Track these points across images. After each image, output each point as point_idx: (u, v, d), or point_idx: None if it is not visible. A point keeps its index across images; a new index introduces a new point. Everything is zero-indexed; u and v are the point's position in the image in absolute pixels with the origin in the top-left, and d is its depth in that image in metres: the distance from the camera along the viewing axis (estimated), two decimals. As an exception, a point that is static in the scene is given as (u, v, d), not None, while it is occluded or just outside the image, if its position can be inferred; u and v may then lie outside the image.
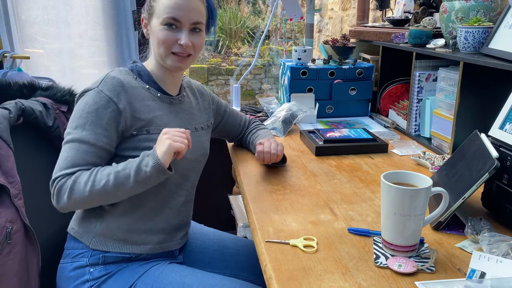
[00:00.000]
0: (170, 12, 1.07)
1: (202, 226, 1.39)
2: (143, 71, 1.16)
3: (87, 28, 2.14)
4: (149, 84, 1.15)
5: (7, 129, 1.09)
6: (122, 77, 1.09)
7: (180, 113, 1.19)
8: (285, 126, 1.69)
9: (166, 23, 1.08)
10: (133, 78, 1.13)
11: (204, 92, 1.34)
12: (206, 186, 1.76)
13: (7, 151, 1.07)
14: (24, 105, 1.18)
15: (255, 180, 1.24)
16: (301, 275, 0.80)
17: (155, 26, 1.10)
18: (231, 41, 7.50)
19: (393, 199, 0.82)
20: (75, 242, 1.12)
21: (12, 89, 1.25)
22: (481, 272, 0.78)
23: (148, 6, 1.13)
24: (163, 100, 1.16)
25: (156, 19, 1.09)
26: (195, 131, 1.21)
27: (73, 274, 1.09)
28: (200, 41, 1.13)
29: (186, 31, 1.10)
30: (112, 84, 1.07)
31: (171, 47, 1.10)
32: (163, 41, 1.09)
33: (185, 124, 1.18)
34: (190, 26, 1.10)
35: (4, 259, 1.01)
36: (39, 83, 1.33)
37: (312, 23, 3.42)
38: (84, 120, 1.04)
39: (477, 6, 1.40)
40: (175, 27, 1.09)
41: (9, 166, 1.06)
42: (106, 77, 1.08)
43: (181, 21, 1.08)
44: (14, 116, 1.14)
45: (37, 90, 1.30)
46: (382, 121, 1.82)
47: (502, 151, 0.94)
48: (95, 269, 1.08)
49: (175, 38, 1.09)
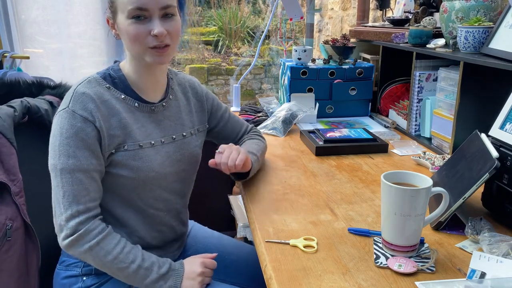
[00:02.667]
0: (134, 2, 0.95)
1: (205, 229, 1.36)
2: (119, 78, 1.05)
3: (87, 28, 2.14)
4: (126, 93, 1.04)
5: (10, 127, 1.10)
6: (92, 91, 0.99)
7: (164, 120, 1.09)
8: (285, 126, 1.69)
9: (132, 15, 0.96)
10: (106, 89, 1.02)
11: (198, 91, 1.22)
12: (206, 186, 1.76)
13: (10, 149, 1.08)
14: (30, 104, 1.19)
15: (255, 180, 1.24)
16: (301, 275, 0.80)
17: (122, 22, 0.98)
18: (231, 41, 7.49)
19: (393, 199, 0.82)
20: None
21: (21, 88, 1.26)
22: (481, 272, 0.78)
23: (109, 4, 1.01)
24: (142, 109, 1.06)
25: (121, 14, 0.98)
26: (182, 138, 1.13)
27: (66, 282, 1.08)
28: (175, 27, 1.00)
29: (157, 19, 0.97)
30: (83, 101, 0.97)
31: (145, 41, 0.98)
32: (134, 36, 0.97)
33: (169, 132, 1.10)
34: (160, 12, 0.97)
35: (4, 256, 1.02)
36: (47, 82, 1.34)
37: (312, 23, 3.42)
38: (65, 147, 0.95)
39: (477, 6, 1.39)
40: (144, 18, 0.97)
41: (11, 164, 1.07)
42: (75, 94, 0.98)
43: (148, 9, 0.96)
44: (19, 114, 1.15)
45: (45, 88, 1.31)
46: (382, 121, 1.82)
47: (502, 151, 0.94)
48: (88, 278, 1.07)
49: (147, 30, 0.97)
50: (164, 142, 1.08)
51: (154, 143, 1.06)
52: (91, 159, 0.97)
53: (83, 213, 0.96)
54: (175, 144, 1.11)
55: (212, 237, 1.33)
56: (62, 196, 0.96)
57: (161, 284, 0.99)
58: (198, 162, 1.19)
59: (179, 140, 1.12)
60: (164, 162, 1.07)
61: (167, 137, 1.09)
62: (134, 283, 1.00)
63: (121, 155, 1.01)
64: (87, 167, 0.96)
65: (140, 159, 1.03)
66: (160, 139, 1.08)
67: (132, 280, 0.99)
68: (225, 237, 1.35)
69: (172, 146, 1.10)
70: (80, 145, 0.96)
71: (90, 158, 0.97)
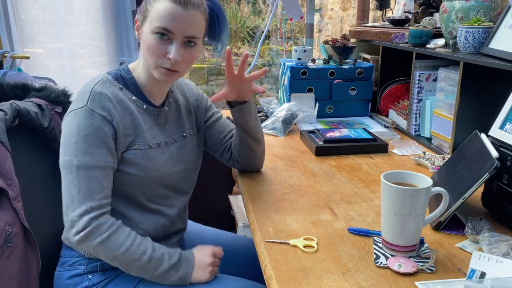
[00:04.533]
0: (162, 22, 0.98)
1: (200, 226, 1.38)
2: (130, 80, 1.08)
3: (87, 28, 2.14)
4: (136, 95, 1.07)
5: (3, 130, 1.07)
6: (108, 91, 1.02)
7: (166, 124, 1.13)
8: (285, 126, 1.69)
9: (157, 32, 0.99)
10: (119, 89, 1.05)
11: (195, 91, 1.25)
12: (206, 186, 1.77)
13: (5, 153, 1.06)
14: (19, 106, 1.15)
15: (255, 180, 1.24)
16: (301, 275, 0.80)
17: (146, 32, 1.01)
18: (231, 41, 7.49)
19: (393, 199, 0.82)
20: (70, 251, 1.10)
21: (5, 90, 1.23)
22: (481, 272, 0.78)
23: (144, 8, 1.03)
24: (149, 112, 1.09)
25: (148, 24, 1.00)
26: (183, 139, 1.16)
27: (71, 282, 1.08)
28: (192, 56, 1.04)
29: (178, 44, 1.00)
30: (101, 100, 1.00)
31: (160, 60, 1.01)
32: (152, 52, 1.00)
33: (171, 135, 1.14)
34: (184, 39, 1.01)
35: (4, 262, 1.00)
36: (32, 84, 1.29)
37: (312, 23, 3.42)
38: (83, 144, 0.97)
39: (477, 6, 1.39)
40: (167, 38, 1.00)
41: (6, 169, 1.05)
42: (93, 93, 1.01)
43: (174, 32, 0.99)
44: (10, 118, 1.11)
45: (30, 91, 1.27)
46: (382, 121, 1.82)
47: (502, 151, 0.94)
48: (94, 275, 1.07)
49: (164, 51, 1.00)
50: (168, 143, 1.12)
51: (160, 143, 1.10)
52: (107, 156, 0.99)
53: (96, 209, 0.97)
54: (177, 144, 1.14)
55: (208, 231, 1.35)
56: (77, 192, 0.97)
57: (172, 273, 1.01)
58: (198, 160, 1.22)
59: (180, 141, 1.16)
60: (168, 162, 1.11)
61: (169, 138, 1.13)
62: (146, 274, 1.01)
63: (131, 154, 1.04)
64: (104, 164, 0.99)
65: (148, 158, 1.06)
66: (165, 140, 1.11)
67: (144, 271, 1.00)
68: (222, 232, 1.37)
69: (174, 146, 1.13)
70: (98, 143, 0.98)
71: (107, 156, 0.99)
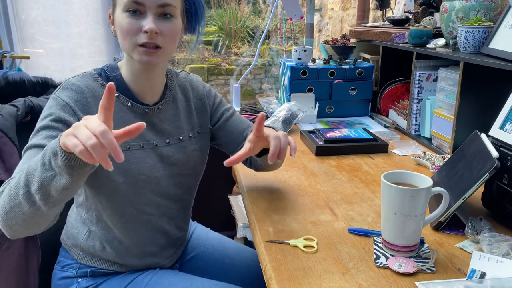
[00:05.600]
0: None
1: (208, 230, 1.34)
2: (116, 76, 1.00)
3: (87, 28, 2.14)
4: (119, 91, 0.99)
5: (13, 126, 1.11)
6: (83, 84, 0.95)
7: (159, 124, 1.04)
8: (285, 126, 1.69)
9: (128, 8, 0.91)
10: (100, 85, 0.98)
11: (200, 89, 1.15)
12: (206, 186, 1.76)
13: (12, 148, 1.09)
14: (32, 103, 1.20)
15: (255, 180, 1.24)
16: (301, 275, 0.80)
17: (118, 16, 0.93)
18: (231, 41, 7.50)
19: (393, 199, 0.82)
20: (66, 252, 1.10)
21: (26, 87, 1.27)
22: (481, 272, 0.78)
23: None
24: (135, 110, 1.00)
25: (119, 7, 0.93)
26: (178, 142, 1.07)
27: (61, 283, 1.08)
28: (172, 29, 0.94)
29: (152, 15, 0.91)
30: (71, 90, 0.94)
31: (135, 37, 0.92)
32: (126, 31, 0.91)
33: (163, 137, 1.05)
34: (158, 10, 0.92)
35: (4, 254, 1.02)
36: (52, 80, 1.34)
37: (312, 23, 3.41)
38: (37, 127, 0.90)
39: (477, 6, 1.39)
40: (139, 13, 0.91)
41: (12, 163, 1.08)
42: (66, 83, 0.95)
43: (144, 3, 0.90)
44: (22, 113, 1.16)
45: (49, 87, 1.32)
46: (382, 121, 1.82)
47: (502, 151, 0.94)
48: (83, 279, 1.07)
49: (139, 26, 0.91)
50: (157, 145, 1.03)
51: (143, 145, 1.01)
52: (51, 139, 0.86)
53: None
54: (170, 147, 1.06)
55: (214, 239, 1.30)
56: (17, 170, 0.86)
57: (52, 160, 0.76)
58: (198, 165, 1.13)
59: (174, 144, 1.07)
60: (156, 165, 1.03)
61: (160, 140, 1.04)
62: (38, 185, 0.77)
63: None
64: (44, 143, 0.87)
65: (127, 161, 0.98)
66: (152, 142, 1.03)
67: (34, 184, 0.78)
68: (228, 240, 1.32)
69: (166, 149, 1.05)
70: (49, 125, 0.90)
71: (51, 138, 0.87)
